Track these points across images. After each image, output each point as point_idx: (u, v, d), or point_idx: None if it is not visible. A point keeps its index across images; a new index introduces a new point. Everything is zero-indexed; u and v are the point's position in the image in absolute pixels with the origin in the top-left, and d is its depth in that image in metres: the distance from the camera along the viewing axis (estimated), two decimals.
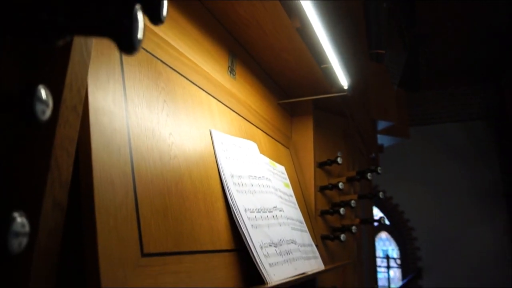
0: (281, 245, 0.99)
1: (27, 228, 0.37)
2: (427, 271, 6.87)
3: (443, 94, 7.47)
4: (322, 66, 1.57)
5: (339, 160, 1.82)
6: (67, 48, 0.49)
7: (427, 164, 7.14)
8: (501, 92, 6.74)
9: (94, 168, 0.56)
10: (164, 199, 0.71)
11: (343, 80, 1.62)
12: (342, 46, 1.62)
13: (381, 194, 1.84)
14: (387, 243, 8.96)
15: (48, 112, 0.40)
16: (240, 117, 1.28)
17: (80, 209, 0.56)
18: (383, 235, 9.10)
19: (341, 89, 1.64)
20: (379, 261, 8.19)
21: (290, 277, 0.93)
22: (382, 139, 3.88)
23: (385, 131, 3.48)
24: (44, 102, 0.40)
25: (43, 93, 0.38)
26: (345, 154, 2.15)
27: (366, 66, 3.05)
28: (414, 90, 7.46)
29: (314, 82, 1.69)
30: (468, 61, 7.00)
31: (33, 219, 0.49)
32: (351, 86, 1.65)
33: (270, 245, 0.94)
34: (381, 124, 3.45)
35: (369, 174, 1.83)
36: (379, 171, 1.86)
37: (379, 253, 8.48)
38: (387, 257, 7.31)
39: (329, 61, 1.53)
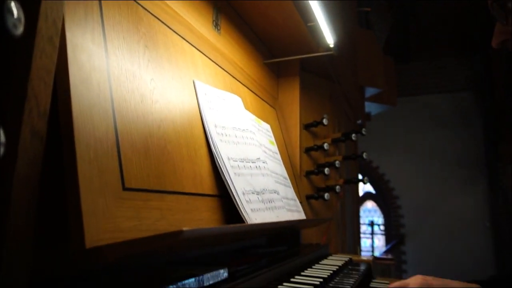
0: (263, 193, 1.02)
1: (2, 138, 0.38)
2: (410, 237, 7.12)
3: (431, 65, 7.48)
4: (309, 24, 1.55)
5: (324, 121, 1.84)
6: None
7: (414, 134, 7.25)
8: (489, 63, 6.78)
9: (72, 101, 0.56)
10: (146, 140, 0.71)
11: (330, 39, 1.61)
12: (329, 4, 1.60)
13: (364, 155, 1.88)
14: (372, 213, 9.22)
15: (21, 28, 0.40)
16: (225, 72, 1.27)
17: (61, 142, 0.57)
18: (369, 204, 9.34)
19: (327, 48, 1.64)
20: (364, 229, 8.45)
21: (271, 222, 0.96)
22: (370, 107, 3.91)
23: (373, 98, 3.50)
24: (16, 18, 0.39)
25: (13, 5, 0.38)
26: (331, 117, 2.17)
27: (354, 31, 3.02)
28: (403, 62, 7.46)
29: (300, 41, 1.68)
30: (457, 32, 6.99)
31: (11, 146, 0.50)
32: (338, 46, 1.64)
33: (252, 193, 0.97)
34: (369, 92, 3.47)
35: (353, 135, 1.86)
36: (363, 132, 1.89)
37: (364, 221, 8.73)
38: (372, 224, 7.53)
39: (315, 19, 1.52)
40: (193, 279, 0.68)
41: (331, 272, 1.13)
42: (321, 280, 0.99)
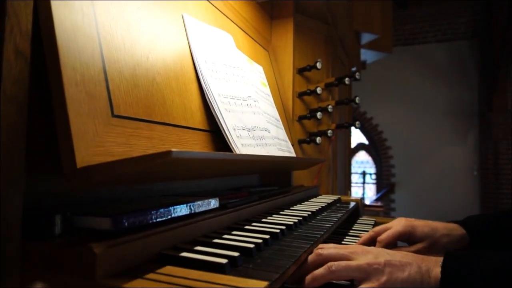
0: (254, 130, 1.03)
1: None
2: (399, 186, 7.34)
3: (431, 12, 7.27)
4: None
5: (318, 65, 1.82)
6: None
7: (408, 85, 7.21)
8: (489, 12, 6.59)
9: (55, 22, 0.55)
10: (134, 69, 0.71)
11: None
12: None
13: (357, 99, 1.87)
14: (365, 164, 9.41)
15: None
16: (216, 9, 1.23)
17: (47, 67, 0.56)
18: (361, 156, 9.51)
19: None
20: (356, 179, 8.67)
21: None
22: (365, 55, 3.84)
23: (368, 45, 3.43)
24: None
25: None
26: (325, 62, 2.14)
27: None
28: (401, 7, 7.23)
29: None
30: None
31: None
32: None
33: (243, 129, 0.98)
34: (365, 38, 3.39)
35: (347, 79, 1.84)
36: (357, 76, 1.87)
37: (357, 171, 8.94)
38: (364, 173, 7.72)
39: None
40: (184, 205, 0.70)
41: (320, 207, 1.17)
42: (309, 213, 1.03)
